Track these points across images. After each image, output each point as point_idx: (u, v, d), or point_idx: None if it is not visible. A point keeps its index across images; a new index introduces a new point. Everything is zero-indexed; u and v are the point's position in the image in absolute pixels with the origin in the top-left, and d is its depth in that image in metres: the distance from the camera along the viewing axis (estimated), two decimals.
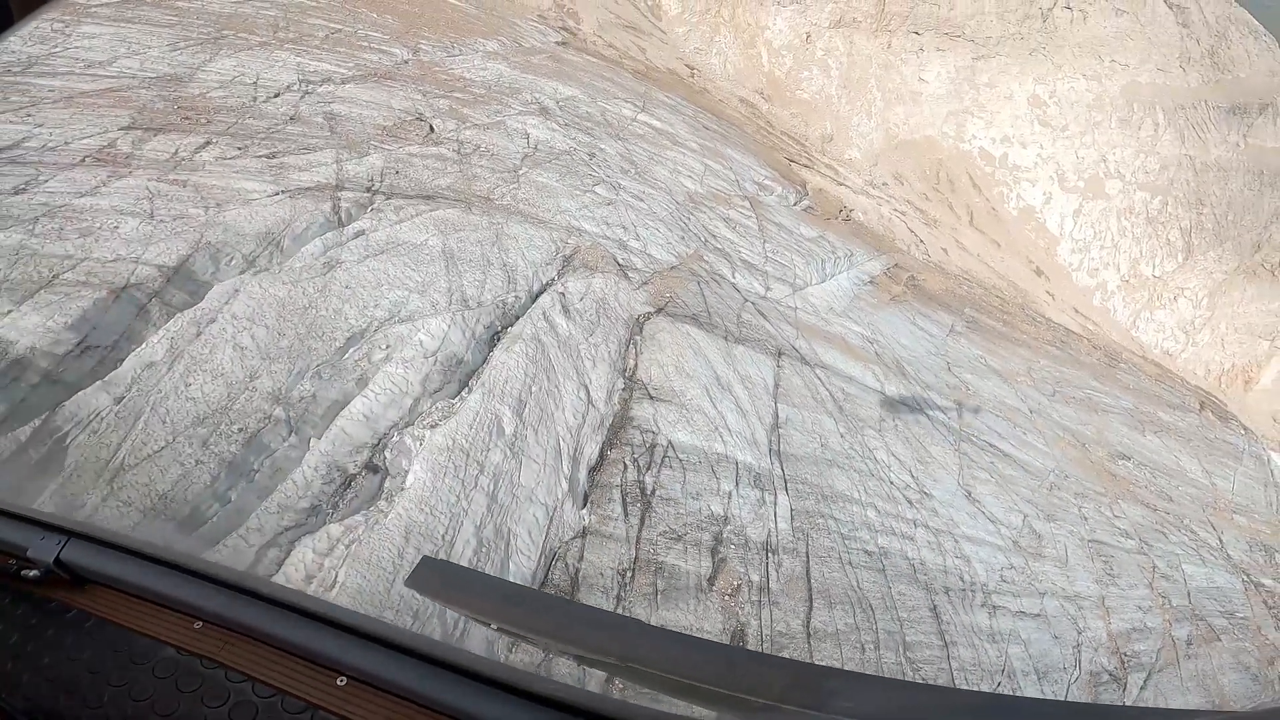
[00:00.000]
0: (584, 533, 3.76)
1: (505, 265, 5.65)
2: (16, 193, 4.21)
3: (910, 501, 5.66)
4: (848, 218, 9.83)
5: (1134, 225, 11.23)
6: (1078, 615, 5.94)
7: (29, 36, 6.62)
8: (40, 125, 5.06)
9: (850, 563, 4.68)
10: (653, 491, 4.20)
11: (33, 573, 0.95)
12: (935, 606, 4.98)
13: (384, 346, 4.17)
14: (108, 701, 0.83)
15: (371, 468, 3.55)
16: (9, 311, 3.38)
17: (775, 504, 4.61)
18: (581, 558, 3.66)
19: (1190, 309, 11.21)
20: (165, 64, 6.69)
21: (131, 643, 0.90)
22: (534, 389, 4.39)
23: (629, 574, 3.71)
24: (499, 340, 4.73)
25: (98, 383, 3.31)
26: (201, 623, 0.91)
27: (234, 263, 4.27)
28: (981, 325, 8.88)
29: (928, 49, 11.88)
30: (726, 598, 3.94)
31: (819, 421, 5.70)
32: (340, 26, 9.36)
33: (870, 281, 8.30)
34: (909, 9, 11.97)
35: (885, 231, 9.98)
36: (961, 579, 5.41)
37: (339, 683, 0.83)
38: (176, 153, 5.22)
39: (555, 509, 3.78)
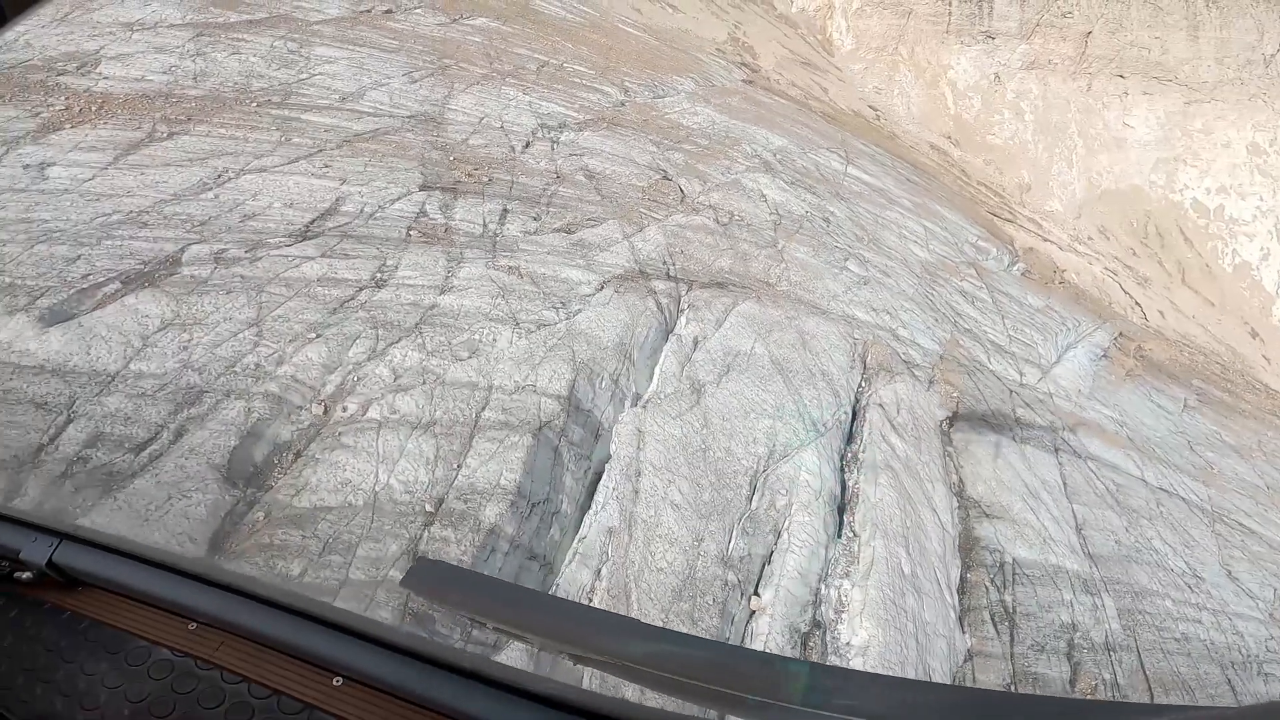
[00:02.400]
0: (970, 655, 4.19)
1: (823, 374, 6.64)
2: (379, 285, 4.56)
3: (1190, 587, 6.47)
4: (1063, 280, 10.29)
5: None
6: None
7: (271, 58, 7.10)
8: (343, 182, 5.47)
9: (1167, 651, 5.60)
10: (1014, 609, 4.86)
11: (25, 575, 0.94)
12: (1230, 681, 5.81)
13: (783, 492, 4.53)
14: (104, 704, 0.83)
15: (816, 624, 3.82)
16: (459, 466, 3.44)
17: (1104, 606, 5.57)
18: (974, 679, 4.07)
19: None
20: (412, 99, 7.32)
21: (126, 645, 0.89)
22: (908, 522, 4.89)
23: (1013, 687, 4.28)
24: (847, 465, 5.33)
25: (575, 557, 3.49)
26: (196, 624, 0.90)
27: (604, 384, 4.63)
28: (1210, 397, 9.23)
29: (1133, 92, 11.79)
30: (1088, 696, 4.92)
31: (1106, 518, 6.57)
32: (546, 59, 10.08)
33: (1104, 355, 8.88)
34: (1115, 52, 11.88)
35: (1100, 294, 10.31)
36: (1240, 653, 6.17)
37: (335, 683, 0.83)
38: (485, 224, 5.77)
39: (949, 637, 4.16)
